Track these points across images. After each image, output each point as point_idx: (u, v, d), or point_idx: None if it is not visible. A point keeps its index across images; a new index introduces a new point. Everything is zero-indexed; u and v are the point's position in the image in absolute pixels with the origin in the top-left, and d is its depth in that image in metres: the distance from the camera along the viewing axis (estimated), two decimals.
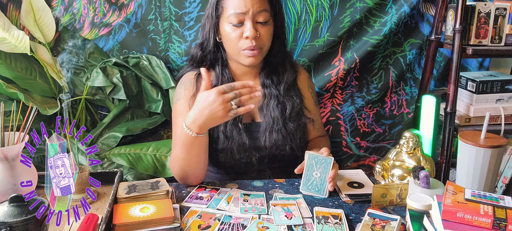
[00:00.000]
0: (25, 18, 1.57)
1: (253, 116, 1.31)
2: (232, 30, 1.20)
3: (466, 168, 1.06)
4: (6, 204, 0.83)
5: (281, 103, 1.29)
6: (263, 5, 1.20)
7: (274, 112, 1.27)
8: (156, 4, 1.64)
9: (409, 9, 1.67)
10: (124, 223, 0.94)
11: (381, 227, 0.95)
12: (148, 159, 1.59)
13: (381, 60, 1.78)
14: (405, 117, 1.86)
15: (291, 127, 1.27)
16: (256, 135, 1.28)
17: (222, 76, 1.28)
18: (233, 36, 1.20)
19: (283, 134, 1.26)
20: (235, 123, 1.25)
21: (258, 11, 1.19)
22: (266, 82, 1.31)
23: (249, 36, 1.19)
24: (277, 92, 1.30)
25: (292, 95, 1.31)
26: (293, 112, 1.29)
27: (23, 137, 1.04)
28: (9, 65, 1.56)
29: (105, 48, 1.67)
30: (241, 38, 1.20)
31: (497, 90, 1.53)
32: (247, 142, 1.24)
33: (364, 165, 1.89)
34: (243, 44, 1.21)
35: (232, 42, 1.22)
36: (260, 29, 1.21)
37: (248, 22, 1.19)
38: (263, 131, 1.27)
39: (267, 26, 1.23)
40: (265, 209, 1.07)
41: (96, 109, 1.72)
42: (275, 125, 1.26)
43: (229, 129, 1.24)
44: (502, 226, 0.79)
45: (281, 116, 1.27)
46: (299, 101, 1.31)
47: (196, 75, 1.30)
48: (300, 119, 1.30)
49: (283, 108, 1.28)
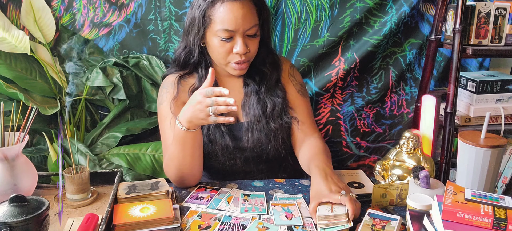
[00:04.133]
0: (25, 18, 1.57)
1: (237, 116, 1.29)
2: (221, 45, 1.17)
3: (466, 168, 1.06)
4: (6, 204, 0.83)
5: (262, 101, 1.26)
6: (253, 21, 1.17)
7: (255, 110, 1.25)
8: (156, 4, 1.64)
9: (409, 9, 1.67)
10: (124, 223, 0.94)
11: (381, 227, 0.95)
12: (146, 159, 1.59)
13: (381, 60, 1.78)
14: (405, 117, 1.86)
15: (272, 126, 1.25)
16: (239, 135, 1.26)
17: (205, 79, 1.21)
18: (222, 50, 1.18)
19: (265, 131, 1.24)
20: (218, 126, 1.23)
21: (248, 28, 1.16)
22: (247, 80, 1.29)
23: (240, 52, 1.17)
24: (258, 90, 1.27)
25: (273, 94, 1.28)
26: (274, 111, 1.26)
27: (23, 137, 1.04)
28: (9, 65, 1.56)
29: (105, 48, 1.67)
30: (230, 52, 1.18)
31: (497, 90, 1.53)
32: (231, 144, 1.23)
33: (364, 165, 1.89)
34: (233, 58, 1.19)
35: (220, 55, 1.20)
36: (249, 42, 1.19)
37: (239, 39, 1.16)
38: (245, 129, 1.25)
39: (256, 38, 1.21)
40: (265, 209, 1.07)
41: (96, 109, 1.72)
42: (257, 123, 1.24)
43: (212, 131, 1.23)
44: (502, 226, 0.79)
45: (262, 114, 1.25)
46: (280, 100, 1.28)
47: (177, 78, 1.28)
48: (282, 118, 1.27)
49: (264, 106, 1.26)
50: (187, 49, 1.26)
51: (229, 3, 1.14)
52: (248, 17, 1.15)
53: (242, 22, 1.14)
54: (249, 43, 1.19)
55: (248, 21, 1.15)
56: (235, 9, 1.14)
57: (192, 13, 1.20)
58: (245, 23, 1.15)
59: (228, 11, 1.14)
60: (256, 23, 1.18)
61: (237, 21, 1.14)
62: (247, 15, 1.15)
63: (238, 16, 1.14)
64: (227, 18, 1.14)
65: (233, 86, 1.30)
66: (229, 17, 1.14)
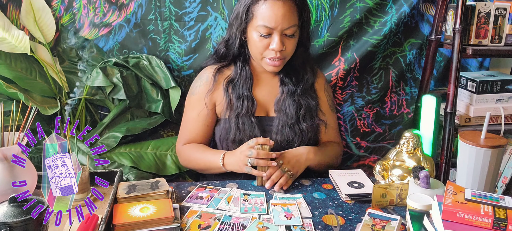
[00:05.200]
0: (25, 18, 1.57)
1: (267, 110, 1.36)
2: (259, 40, 1.24)
3: (466, 168, 1.05)
4: (6, 204, 0.83)
5: (297, 102, 1.32)
6: (293, 21, 1.22)
7: (289, 109, 1.31)
8: (156, 4, 1.64)
9: (409, 9, 1.67)
10: (124, 223, 0.94)
11: (381, 227, 0.95)
12: (149, 157, 1.60)
13: (381, 60, 1.77)
14: (405, 117, 1.86)
15: (303, 126, 1.30)
16: (268, 128, 1.32)
17: (241, 71, 1.34)
18: (259, 45, 1.24)
19: (295, 131, 1.30)
20: (248, 115, 1.29)
21: (287, 27, 1.21)
22: (285, 80, 1.35)
23: (275, 49, 1.22)
24: (295, 91, 1.33)
25: (308, 96, 1.35)
26: (307, 112, 1.33)
27: (23, 137, 1.04)
28: (9, 65, 1.56)
29: (105, 48, 1.67)
30: (266, 48, 1.24)
31: (497, 90, 1.53)
32: (259, 134, 1.28)
33: (364, 165, 1.89)
34: (268, 54, 1.25)
35: (257, 49, 1.26)
36: (286, 41, 1.24)
37: (276, 36, 1.22)
38: (276, 125, 1.31)
39: (294, 38, 1.26)
40: (265, 209, 1.07)
41: (96, 109, 1.72)
42: (289, 121, 1.30)
43: (241, 120, 1.29)
44: (502, 226, 0.79)
45: (295, 114, 1.31)
46: (314, 104, 1.35)
47: (215, 70, 1.35)
48: (313, 120, 1.33)
49: (298, 107, 1.32)
50: (229, 41, 1.33)
51: (271, 1, 1.20)
52: (287, 17, 1.20)
53: (281, 21, 1.20)
54: (286, 42, 1.24)
55: (287, 20, 1.21)
56: (276, 7, 1.19)
57: (238, 7, 1.28)
58: (284, 22, 1.20)
59: (269, 9, 1.20)
60: (295, 24, 1.23)
61: (277, 19, 1.20)
62: (287, 15, 1.20)
63: (278, 14, 1.19)
64: (268, 15, 1.20)
65: (269, 82, 1.37)
66: (269, 14, 1.20)
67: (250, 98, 1.31)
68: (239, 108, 1.30)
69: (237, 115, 1.29)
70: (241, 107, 1.30)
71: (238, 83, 1.33)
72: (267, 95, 1.36)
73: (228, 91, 1.32)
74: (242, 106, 1.30)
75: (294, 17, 1.23)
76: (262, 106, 1.35)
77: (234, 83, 1.33)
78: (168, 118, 1.68)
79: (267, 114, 1.36)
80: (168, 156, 1.61)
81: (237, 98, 1.31)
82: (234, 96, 1.32)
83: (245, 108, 1.29)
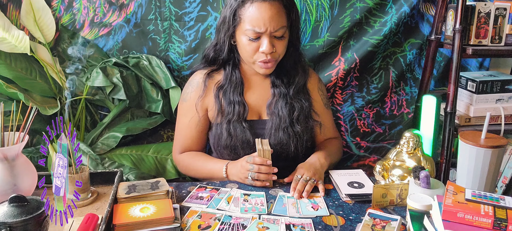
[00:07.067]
0: (25, 18, 1.57)
1: (260, 113, 1.34)
2: (248, 43, 1.22)
3: (466, 168, 1.05)
4: (6, 204, 0.83)
5: (290, 104, 1.31)
6: (281, 22, 1.20)
7: (282, 111, 1.29)
8: (156, 4, 1.64)
9: (409, 9, 1.67)
10: (124, 223, 0.94)
11: (381, 227, 0.95)
12: (150, 160, 1.60)
13: (381, 60, 1.77)
14: (405, 117, 1.86)
15: (297, 128, 1.29)
16: (261, 131, 1.30)
17: (231, 76, 1.31)
18: (249, 48, 1.23)
19: (289, 133, 1.28)
20: (239, 121, 1.28)
21: (275, 30, 1.20)
22: (276, 82, 1.34)
23: (265, 52, 1.21)
24: (287, 93, 1.32)
25: (301, 98, 1.33)
26: (301, 115, 1.31)
27: (23, 137, 1.04)
28: (9, 65, 1.56)
29: (105, 48, 1.67)
30: (257, 51, 1.23)
31: (497, 90, 1.53)
32: (251, 139, 1.27)
33: (364, 165, 1.89)
34: (259, 57, 1.23)
35: (248, 53, 1.24)
36: (276, 43, 1.23)
37: (265, 39, 1.20)
38: (268, 128, 1.30)
39: (283, 39, 1.24)
40: (265, 209, 1.07)
41: (96, 109, 1.72)
42: (282, 124, 1.28)
43: (233, 126, 1.27)
44: (503, 226, 0.79)
45: (288, 116, 1.29)
46: (307, 105, 1.33)
47: (205, 76, 1.33)
48: (307, 121, 1.32)
49: (291, 109, 1.30)
50: (217, 46, 1.31)
51: (258, 3, 1.17)
52: (275, 19, 1.18)
53: (269, 23, 1.18)
54: (276, 43, 1.22)
55: (275, 22, 1.18)
56: (263, 10, 1.17)
57: (225, 12, 1.25)
58: (272, 24, 1.18)
59: (256, 12, 1.17)
60: (283, 25, 1.21)
61: (265, 22, 1.17)
62: (275, 17, 1.18)
63: (265, 17, 1.17)
64: (255, 18, 1.18)
65: (260, 85, 1.35)
66: (257, 17, 1.17)
67: (242, 103, 1.29)
68: (230, 114, 1.28)
69: (228, 121, 1.28)
70: (233, 113, 1.27)
71: (228, 89, 1.30)
72: (259, 98, 1.34)
73: (219, 97, 1.30)
74: (233, 111, 1.28)
75: (282, 18, 1.20)
76: (254, 109, 1.33)
77: (225, 89, 1.31)
78: (168, 117, 1.68)
79: (260, 117, 1.34)
80: (168, 160, 1.62)
81: (228, 104, 1.29)
82: (225, 102, 1.29)
83: (236, 114, 1.27)
